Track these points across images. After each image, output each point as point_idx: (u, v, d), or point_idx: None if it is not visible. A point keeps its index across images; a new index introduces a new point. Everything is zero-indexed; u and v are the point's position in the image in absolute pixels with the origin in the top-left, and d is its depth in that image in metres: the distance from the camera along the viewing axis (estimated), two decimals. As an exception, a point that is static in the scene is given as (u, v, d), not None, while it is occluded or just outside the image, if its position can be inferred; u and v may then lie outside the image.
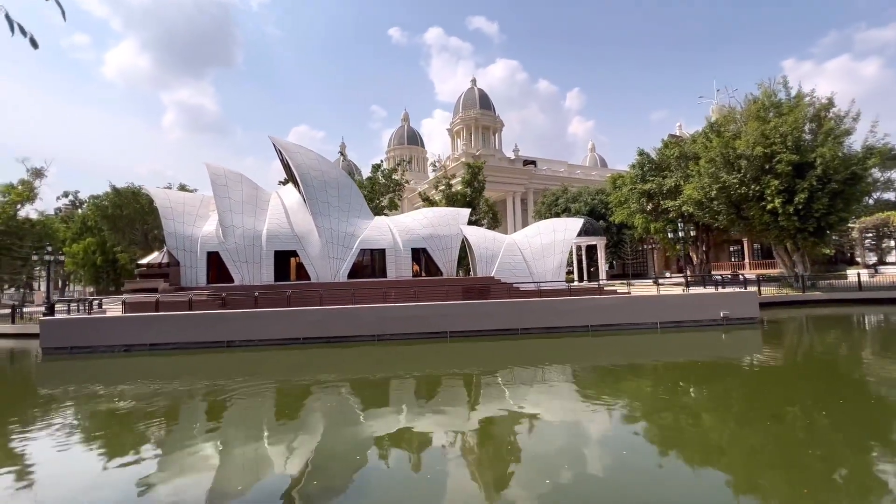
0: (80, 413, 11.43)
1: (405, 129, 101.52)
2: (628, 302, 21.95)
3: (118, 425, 10.33)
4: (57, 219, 56.19)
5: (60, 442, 9.23)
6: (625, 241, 49.26)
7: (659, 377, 13.82)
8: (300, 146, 29.33)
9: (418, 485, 6.74)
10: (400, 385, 13.41)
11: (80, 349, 19.62)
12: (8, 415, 11.74)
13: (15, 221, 41.53)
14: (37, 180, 42.61)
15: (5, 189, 41.75)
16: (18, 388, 15.71)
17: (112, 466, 7.83)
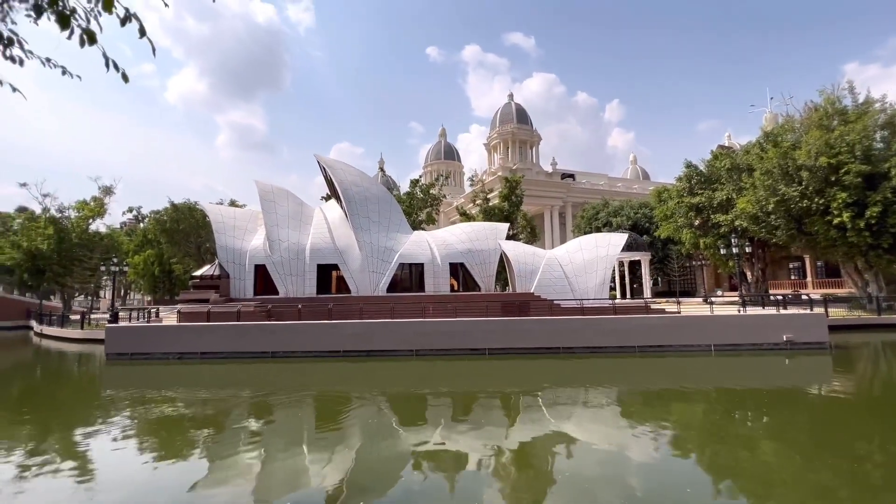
0: (136, 416, 12.04)
1: (442, 145, 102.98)
2: (679, 322, 20.76)
3: (171, 429, 10.78)
4: (122, 232, 60.92)
5: (118, 442, 9.74)
6: (671, 256, 47.05)
7: (713, 404, 12.85)
8: (342, 163, 30.32)
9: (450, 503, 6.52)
10: (438, 401, 13.24)
11: (139, 355, 20.85)
12: (74, 415, 12.56)
13: (87, 235, 45.35)
14: (107, 197, 46.46)
15: (79, 205, 45.76)
16: (85, 391, 16.84)
17: (163, 468, 8.13)
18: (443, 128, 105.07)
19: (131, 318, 27.67)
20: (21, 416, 12.89)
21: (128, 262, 51.70)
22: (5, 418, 12.68)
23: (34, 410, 13.53)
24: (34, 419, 12.41)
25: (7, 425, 11.80)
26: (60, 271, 42.88)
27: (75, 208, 45.39)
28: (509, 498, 6.88)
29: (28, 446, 9.78)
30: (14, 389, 17.36)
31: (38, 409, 13.62)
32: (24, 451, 9.38)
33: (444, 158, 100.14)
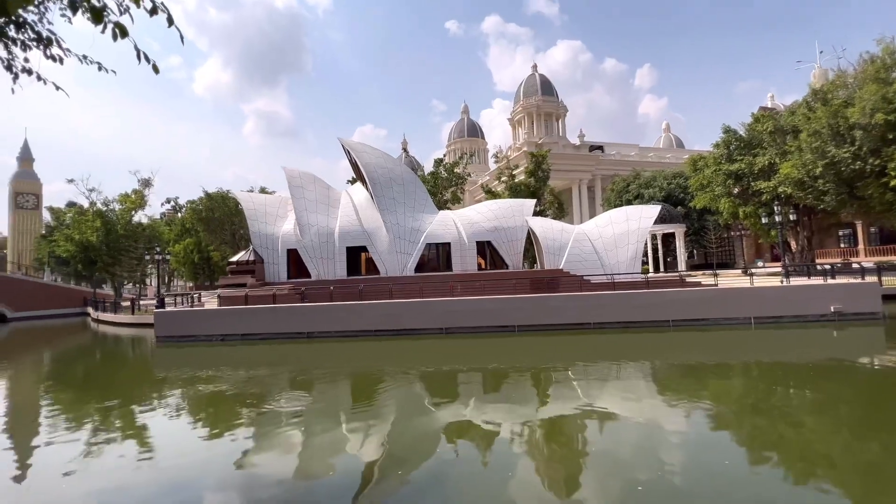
0: (187, 393, 12.86)
1: (465, 122, 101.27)
2: (716, 295, 20.04)
3: (218, 406, 11.46)
4: (162, 222, 63.86)
5: (172, 418, 10.47)
6: (707, 227, 45.06)
7: (752, 378, 12.46)
8: (366, 145, 30.37)
9: (484, 477, 6.67)
10: (468, 378, 13.44)
11: (186, 338, 22.11)
12: (133, 393, 13.56)
13: (131, 226, 47.81)
14: (146, 189, 48.60)
15: (122, 198, 48.14)
16: (140, 371, 18.10)
17: (214, 442, 8.68)
18: (465, 104, 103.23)
19: (176, 303, 29.26)
20: (87, 394, 14.02)
21: (169, 251, 54.39)
22: (74, 396, 13.83)
23: (98, 389, 14.68)
24: (98, 397, 13.47)
25: (75, 402, 12.88)
26: (109, 261, 45.60)
27: (118, 201, 47.79)
28: (541, 472, 6.98)
29: (95, 421, 10.66)
30: (79, 370, 18.85)
31: (101, 388, 14.77)
32: (92, 426, 10.23)
33: (468, 136, 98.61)
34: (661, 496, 5.85)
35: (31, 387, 15.89)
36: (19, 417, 11.73)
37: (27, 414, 12.07)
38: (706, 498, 5.76)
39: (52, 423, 10.79)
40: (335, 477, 6.98)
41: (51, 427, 10.36)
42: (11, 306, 44.62)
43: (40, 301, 46.46)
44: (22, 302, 45.22)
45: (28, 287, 47.38)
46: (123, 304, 39.39)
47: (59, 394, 14.37)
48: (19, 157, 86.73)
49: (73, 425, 10.35)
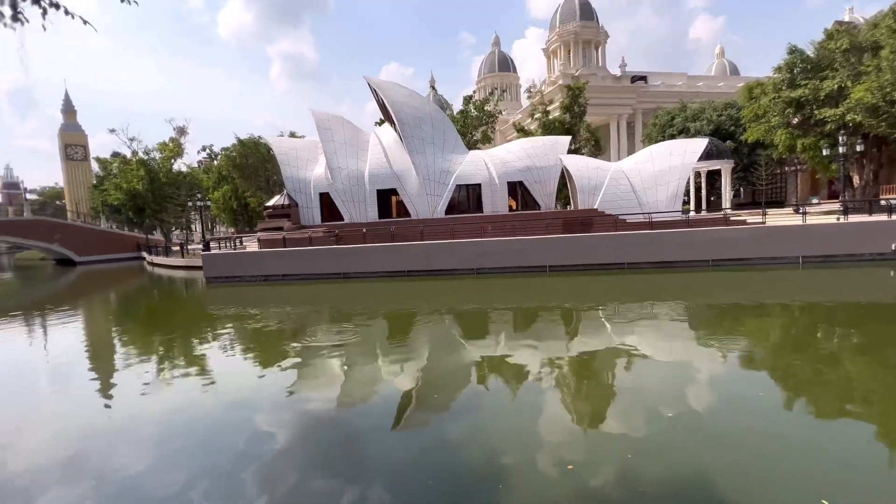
0: (238, 329, 13.91)
1: (496, 55, 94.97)
2: (760, 233, 19.00)
3: (266, 341, 12.37)
4: (200, 170, 65.81)
5: (226, 351, 11.44)
6: (758, 163, 41.77)
7: (794, 318, 12.05)
8: (394, 83, 29.29)
9: (513, 408, 6.99)
10: (498, 317, 13.73)
11: (231, 278, 23.55)
12: (189, 328, 14.82)
13: (172, 174, 49.61)
14: (182, 137, 49.67)
15: (161, 147, 49.57)
16: (194, 308, 19.63)
17: (265, 373, 9.47)
18: (496, 35, 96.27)
19: (220, 247, 30.85)
20: (151, 329, 15.46)
21: (209, 197, 56.49)
22: (138, 332, 15.29)
23: (159, 325, 16.14)
24: (161, 331, 14.83)
25: (140, 337, 14.26)
26: (156, 208, 48.07)
27: (158, 150, 49.29)
28: (567, 405, 7.23)
29: (159, 353, 11.82)
30: (142, 308, 20.67)
31: (162, 324, 16.22)
32: (157, 358, 11.36)
33: (499, 70, 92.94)
34: (687, 432, 5.98)
35: (106, 322, 17.64)
36: (99, 348, 13.16)
37: (105, 345, 13.51)
38: (733, 436, 5.83)
39: (125, 353, 12.07)
40: (374, 403, 7.53)
41: (125, 356, 11.61)
42: (76, 251, 48.60)
43: (100, 246, 50.26)
44: (85, 247, 49.12)
45: (88, 234, 51.15)
46: (173, 248, 42.02)
47: (128, 328, 15.93)
48: (62, 110, 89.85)
49: (143, 355, 11.55)
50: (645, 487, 4.70)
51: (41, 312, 18.82)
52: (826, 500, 4.41)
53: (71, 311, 19.31)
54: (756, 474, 4.85)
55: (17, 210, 57.74)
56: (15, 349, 12.78)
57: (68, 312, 18.77)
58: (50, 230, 48.43)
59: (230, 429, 6.69)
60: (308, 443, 6.28)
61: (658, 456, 5.32)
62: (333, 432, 6.57)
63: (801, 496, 4.53)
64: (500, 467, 5.28)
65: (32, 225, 48.19)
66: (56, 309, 19.71)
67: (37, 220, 49.88)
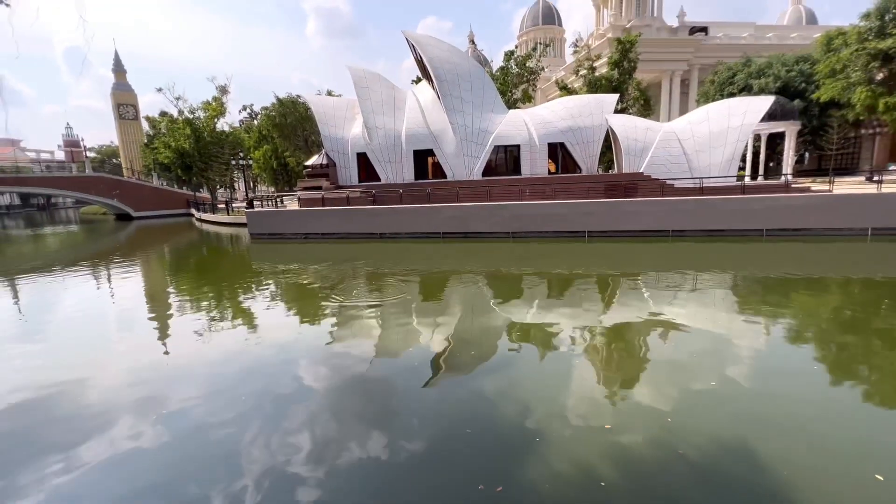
0: (280, 283, 14.59)
1: (539, 6, 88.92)
2: (824, 201, 17.51)
3: (306, 296, 12.93)
4: (241, 130, 67.32)
5: (270, 304, 12.07)
6: (830, 125, 37.86)
7: (853, 295, 11.21)
8: (433, 38, 28.20)
9: (548, 371, 7.01)
10: (532, 282, 13.60)
11: (275, 235, 24.49)
12: (237, 281, 15.68)
13: (216, 133, 51.06)
14: (223, 96, 50.59)
15: (205, 106, 50.80)
16: (240, 263, 20.69)
17: (304, 327, 9.95)
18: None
19: (262, 205, 31.98)
20: (202, 281, 16.48)
21: (251, 157, 58.00)
22: (191, 284, 16.34)
23: (209, 278, 17.16)
24: (211, 283, 15.79)
25: (194, 289, 15.24)
26: (202, 166, 50.02)
27: (202, 109, 50.58)
28: (606, 371, 7.18)
29: (211, 303, 12.63)
30: (193, 262, 22.00)
31: (212, 277, 17.24)
32: (209, 307, 12.15)
33: (543, 23, 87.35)
34: (730, 401, 5.82)
35: (161, 273, 18.96)
36: (158, 297, 14.23)
37: (162, 295, 14.59)
38: (781, 407, 5.62)
39: (181, 302, 12.99)
40: (411, 357, 7.78)
41: (180, 305, 12.50)
42: (133, 207, 51.90)
43: (154, 203, 53.40)
44: (140, 203, 52.36)
45: (143, 191, 54.29)
46: (219, 206, 43.96)
47: (182, 280, 17.07)
48: (113, 69, 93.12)
49: (196, 305, 12.39)
50: (685, 450, 4.67)
51: (106, 263, 20.44)
52: (880, 474, 4.23)
53: (130, 263, 20.85)
54: (806, 446, 4.70)
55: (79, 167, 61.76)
56: (83, 297, 14.04)
57: (129, 264, 20.30)
58: (109, 187, 51.76)
59: (272, 376, 7.16)
60: (345, 392, 6.63)
61: (698, 423, 5.25)
62: (370, 383, 6.89)
63: (852, 469, 4.37)
64: (535, 422, 5.38)
65: (94, 182, 51.62)
66: (119, 260, 21.35)
67: (98, 177, 53.32)
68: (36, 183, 54.29)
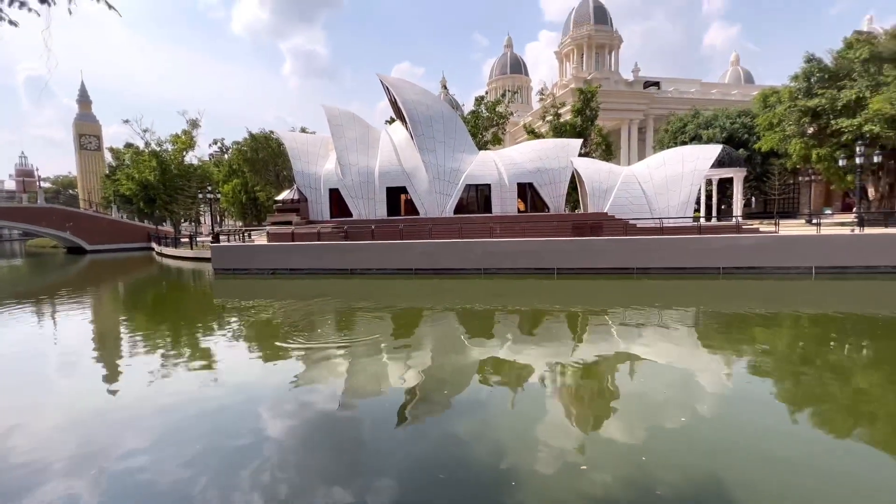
0: (243, 321, 13.95)
1: (508, 57, 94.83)
2: (774, 242, 18.76)
3: (271, 333, 12.37)
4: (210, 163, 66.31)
5: (231, 342, 11.46)
6: (771, 172, 41.31)
7: (805, 329, 11.86)
8: (406, 81, 29.34)
9: (521, 410, 6.91)
10: (504, 318, 13.65)
11: (239, 270, 23.67)
12: (196, 318, 14.89)
13: (183, 166, 50.05)
14: (194, 130, 50.06)
15: (173, 139, 50.00)
16: (201, 300, 19.75)
17: (268, 366, 9.47)
18: (508, 37, 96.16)
19: (229, 239, 31.07)
20: (158, 319, 15.55)
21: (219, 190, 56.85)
22: (147, 321, 15.39)
23: (167, 315, 16.23)
24: (168, 321, 14.92)
25: (148, 326, 14.35)
26: (167, 199, 48.51)
27: (170, 141, 49.72)
28: (579, 410, 7.15)
29: (166, 343, 11.88)
30: (150, 298, 20.82)
31: (170, 315, 16.31)
32: (164, 347, 11.42)
33: (511, 72, 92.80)
34: (686, 442, 5.88)
35: (114, 311, 17.79)
36: (107, 336, 13.27)
37: (113, 334, 13.62)
38: (733, 446, 5.73)
39: (132, 341, 12.16)
40: (380, 398, 7.48)
41: (132, 345, 11.69)
42: (87, 240, 49.16)
43: (111, 236, 50.81)
44: (96, 236, 49.68)
45: (100, 223, 51.73)
46: (183, 239, 42.34)
47: (136, 317, 16.05)
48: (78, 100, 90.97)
49: (150, 344, 11.61)
50: (662, 490, 4.62)
51: (50, 298, 19.02)
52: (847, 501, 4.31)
53: (79, 298, 19.51)
54: (776, 479, 4.75)
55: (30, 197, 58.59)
56: (23, 334, 12.92)
57: (77, 299, 18.97)
58: (62, 218, 49.04)
59: (232, 421, 6.69)
60: (312, 436, 6.26)
61: (672, 460, 5.24)
62: (338, 426, 6.54)
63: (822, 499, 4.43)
64: (510, 464, 5.22)
65: (46, 213, 48.85)
66: (65, 296, 19.93)
67: (50, 208, 50.54)
68: (-22, 213, 50.83)
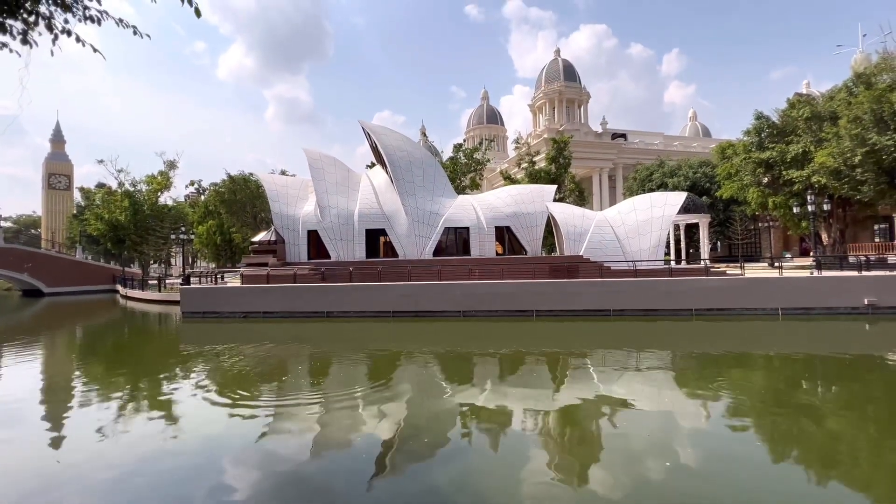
0: (211, 368, 13.24)
1: (484, 108, 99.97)
2: (742, 284, 19.51)
3: (240, 381, 11.72)
4: (186, 204, 65.33)
5: (196, 391, 10.76)
6: (733, 218, 43.75)
7: (776, 370, 12.13)
8: (387, 128, 30.30)
9: (495, 463, 6.64)
10: (484, 361, 13.46)
11: (210, 314, 22.73)
12: (159, 366, 14.04)
13: (157, 207, 49.06)
14: (171, 171, 49.66)
15: (149, 179, 49.34)
16: (166, 345, 18.72)
17: (235, 417, 8.90)
18: (485, 90, 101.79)
19: (201, 281, 30.03)
20: (116, 367, 14.59)
21: (193, 231, 55.69)
22: (103, 369, 14.41)
23: (126, 362, 15.26)
24: (126, 369, 14.01)
25: (105, 374, 13.43)
26: (137, 240, 47.04)
27: (145, 182, 49.02)
28: (552, 457, 6.97)
29: (123, 393, 11.09)
30: (108, 344, 19.62)
31: (129, 362, 15.35)
32: (120, 398, 10.65)
33: (487, 122, 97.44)
34: (673, 489, 5.78)
35: (66, 358, 16.62)
36: (56, 386, 12.30)
37: (63, 383, 12.65)
38: (720, 492, 5.67)
39: (85, 392, 11.32)
40: (352, 452, 7.07)
41: (84, 395, 10.86)
42: (46, 282, 46.60)
43: (72, 278, 48.37)
44: (56, 278, 47.18)
45: (61, 264, 49.33)
46: (150, 282, 40.71)
47: (91, 365, 15.02)
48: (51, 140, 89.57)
49: (104, 395, 10.79)
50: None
51: None
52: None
53: (28, 345, 18.20)
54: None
55: (-12, 237, 55.72)
56: (-34, 382, 11.83)
57: (24, 347, 17.68)
58: (21, 259, 46.60)
59: (191, 478, 6.17)
60: (282, 491, 5.81)
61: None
62: (311, 480, 6.12)
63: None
64: (492, 519, 4.94)
65: (3, 253, 46.35)
66: (11, 341, 18.55)
67: (8, 248, 48.05)
68: (-72, 253, 47.81)
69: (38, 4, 4.28)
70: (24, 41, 4.58)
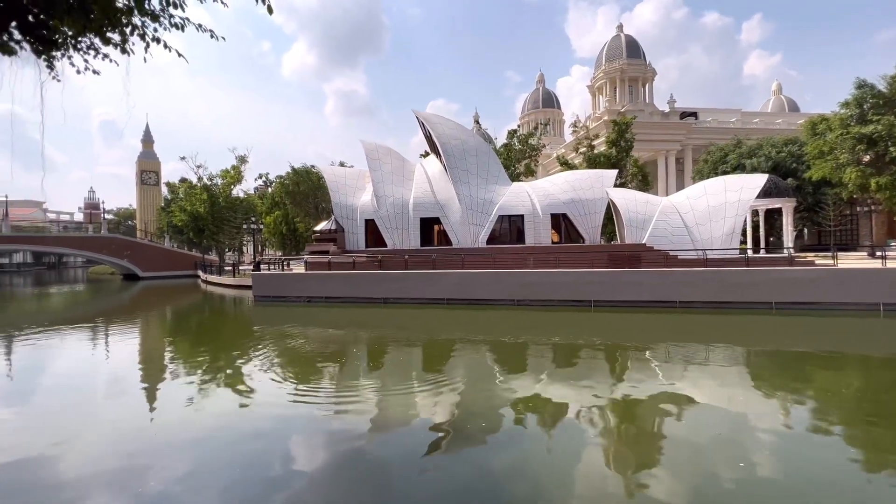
0: (280, 348, 14.22)
1: (540, 92, 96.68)
2: (834, 275, 17.44)
3: (305, 361, 12.53)
4: (255, 196, 70.25)
5: (267, 369, 11.59)
6: (825, 202, 38.95)
7: (874, 373, 10.73)
8: (441, 116, 30.35)
9: (551, 453, 6.49)
10: (540, 351, 13.21)
11: (278, 298, 24.41)
12: (235, 345, 15.34)
13: (231, 199, 53.23)
14: (242, 165, 53.52)
15: (223, 174, 53.56)
16: (241, 326, 20.39)
17: (301, 393, 9.50)
18: (540, 73, 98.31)
19: (269, 268, 32.30)
20: (200, 344, 16.16)
21: (262, 221, 59.81)
22: (188, 346, 16.02)
23: (208, 341, 16.85)
24: (208, 347, 15.46)
25: (189, 351, 14.92)
26: (214, 230, 51.49)
27: (220, 176, 53.28)
28: (611, 453, 6.71)
29: (206, 368, 12.26)
30: (192, 324, 21.75)
31: (211, 340, 16.92)
32: (202, 374, 11.78)
33: (543, 107, 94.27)
34: (738, 494, 5.32)
35: (160, 334, 18.67)
36: (151, 359, 13.88)
37: (157, 357, 14.24)
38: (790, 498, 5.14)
39: (174, 364, 12.65)
40: (408, 432, 7.29)
41: (174, 367, 12.15)
42: (142, 267, 52.58)
43: (162, 264, 54.16)
44: (149, 264, 53.12)
45: (153, 252, 55.36)
46: (226, 268, 44.47)
47: (180, 342, 16.75)
48: (142, 140, 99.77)
49: (190, 368, 12.02)
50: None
51: (106, 323, 20.24)
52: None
53: (131, 323, 20.64)
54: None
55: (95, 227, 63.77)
56: (77, 357, 13.74)
57: (128, 324, 20.08)
58: (122, 247, 52.88)
59: (265, 448, 6.69)
60: (344, 466, 6.16)
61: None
62: (371, 456, 6.42)
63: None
64: None
65: (107, 242, 52.87)
66: (118, 320, 21.15)
67: (111, 238, 54.69)
68: (50, 242, 55.77)
69: (132, 16, 4.71)
70: (122, 50, 5.07)
